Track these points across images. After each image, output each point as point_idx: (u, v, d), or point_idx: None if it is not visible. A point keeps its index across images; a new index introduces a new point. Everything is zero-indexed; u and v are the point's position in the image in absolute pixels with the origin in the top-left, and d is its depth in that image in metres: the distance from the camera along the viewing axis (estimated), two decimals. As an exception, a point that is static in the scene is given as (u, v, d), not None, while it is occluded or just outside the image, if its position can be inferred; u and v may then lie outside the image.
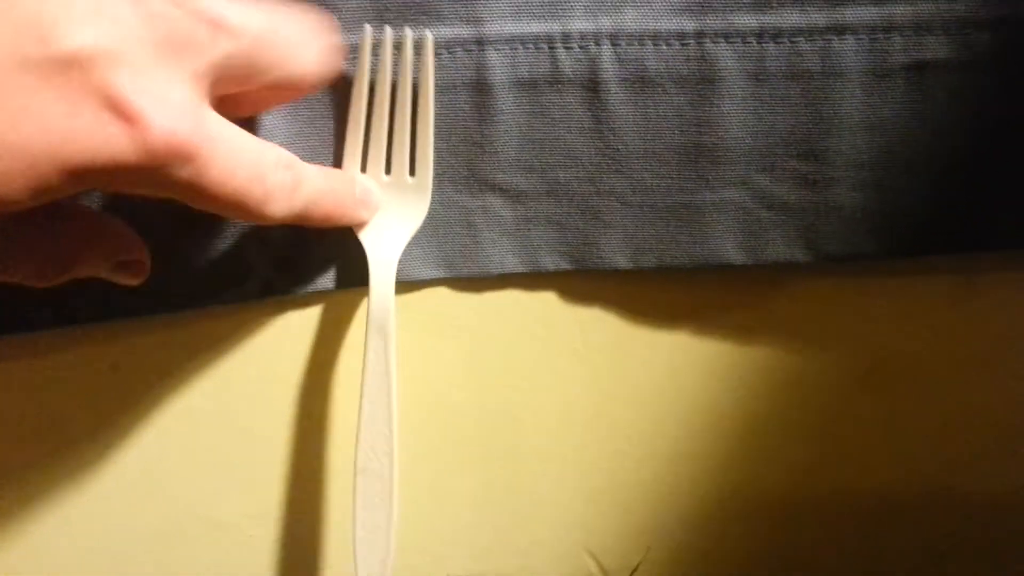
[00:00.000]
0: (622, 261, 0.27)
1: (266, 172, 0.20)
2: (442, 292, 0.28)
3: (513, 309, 0.28)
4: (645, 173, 0.26)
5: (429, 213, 0.27)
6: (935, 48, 0.25)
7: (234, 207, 0.19)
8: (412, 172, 0.26)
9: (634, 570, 0.31)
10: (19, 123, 0.15)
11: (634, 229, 0.27)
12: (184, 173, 0.17)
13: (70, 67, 0.15)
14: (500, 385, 0.29)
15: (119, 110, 0.16)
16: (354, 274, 0.27)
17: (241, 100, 0.21)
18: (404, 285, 0.28)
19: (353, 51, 0.25)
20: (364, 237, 0.26)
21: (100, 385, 0.28)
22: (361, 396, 0.25)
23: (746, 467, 0.30)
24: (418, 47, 0.25)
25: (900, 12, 0.25)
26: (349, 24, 0.25)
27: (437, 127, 0.26)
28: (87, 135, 0.16)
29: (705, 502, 0.30)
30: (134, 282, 0.22)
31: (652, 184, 0.26)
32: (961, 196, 0.26)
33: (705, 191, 0.26)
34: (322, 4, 0.25)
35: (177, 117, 0.17)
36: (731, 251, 0.27)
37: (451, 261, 0.27)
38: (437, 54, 0.26)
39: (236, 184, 0.19)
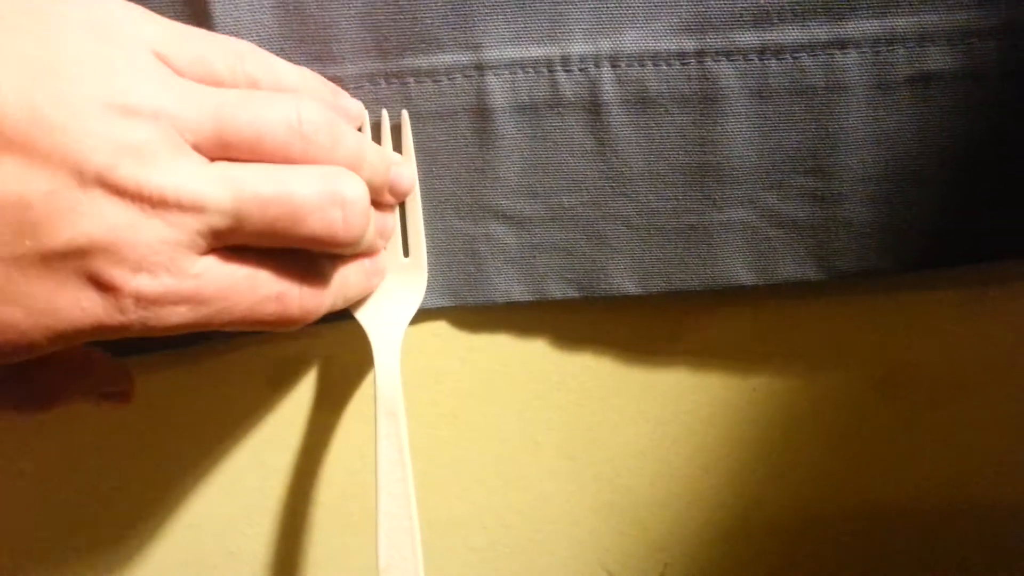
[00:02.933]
0: (631, 286, 0.26)
1: (273, 293, 0.20)
2: (450, 317, 0.28)
3: (522, 333, 0.28)
4: (650, 195, 0.26)
5: (433, 242, 0.26)
6: (938, 59, 0.25)
7: (255, 327, 0.20)
8: (406, 252, 0.26)
9: (652, 593, 0.30)
10: (12, 304, 0.17)
11: (641, 253, 0.26)
12: (176, 317, 0.19)
13: (55, 258, 0.17)
14: (512, 408, 0.28)
15: (99, 285, 0.18)
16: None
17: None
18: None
19: (356, 81, 0.25)
20: (365, 320, 0.25)
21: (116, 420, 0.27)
22: (377, 487, 0.24)
23: (762, 482, 0.29)
24: (397, 128, 0.25)
25: (902, 24, 0.25)
26: (349, 56, 0.25)
27: (439, 153, 0.26)
28: (71, 307, 0.18)
29: (721, 517, 0.29)
30: (117, 410, 0.23)
31: (658, 206, 0.26)
32: (970, 207, 0.26)
33: (712, 211, 0.26)
34: (321, 34, 0.24)
35: (152, 280, 0.18)
36: (741, 272, 0.26)
37: (456, 290, 0.27)
38: (437, 81, 0.25)
39: (242, 312, 0.20)
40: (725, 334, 0.28)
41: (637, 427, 0.28)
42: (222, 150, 0.19)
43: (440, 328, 0.28)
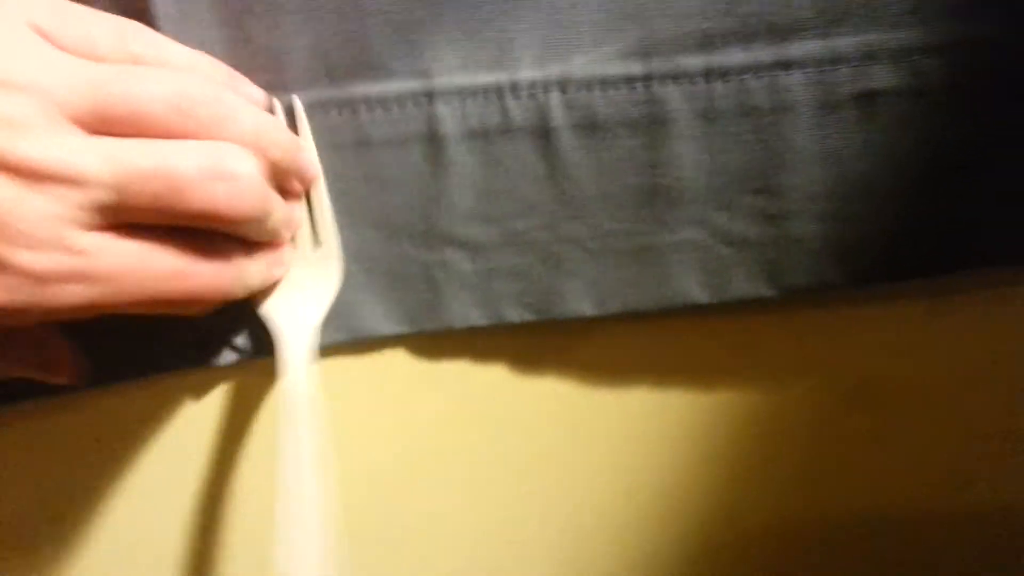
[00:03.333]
0: (587, 308, 0.27)
1: (169, 270, 0.21)
2: (408, 345, 0.28)
3: (482, 359, 0.28)
4: (603, 218, 0.26)
5: (388, 269, 0.26)
6: (883, 77, 0.25)
7: (152, 308, 0.20)
8: (317, 243, 0.25)
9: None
10: None
11: (597, 275, 0.26)
12: (72, 296, 0.19)
13: None
14: (476, 433, 0.28)
15: None
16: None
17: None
18: (364, 344, 0.27)
19: (308, 110, 0.25)
20: (270, 314, 0.24)
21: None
22: (278, 488, 0.23)
23: (735, 496, 0.29)
24: (291, 112, 0.25)
25: (845, 44, 0.25)
26: (300, 83, 0.25)
27: (391, 180, 0.26)
28: None
29: (697, 533, 0.30)
30: (62, 380, 0.23)
31: (611, 228, 0.26)
32: (918, 220, 0.26)
33: (664, 232, 0.26)
34: (270, 62, 0.24)
35: (43, 261, 0.18)
36: (695, 290, 0.26)
37: (413, 316, 0.27)
38: (387, 108, 0.25)
39: (139, 290, 0.20)
40: (690, 352, 0.28)
41: (605, 448, 0.29)
42: (103, 125, 0.19)
43: (397, 356, 0.28)
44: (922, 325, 0.28)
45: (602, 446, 0.29)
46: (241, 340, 0.26)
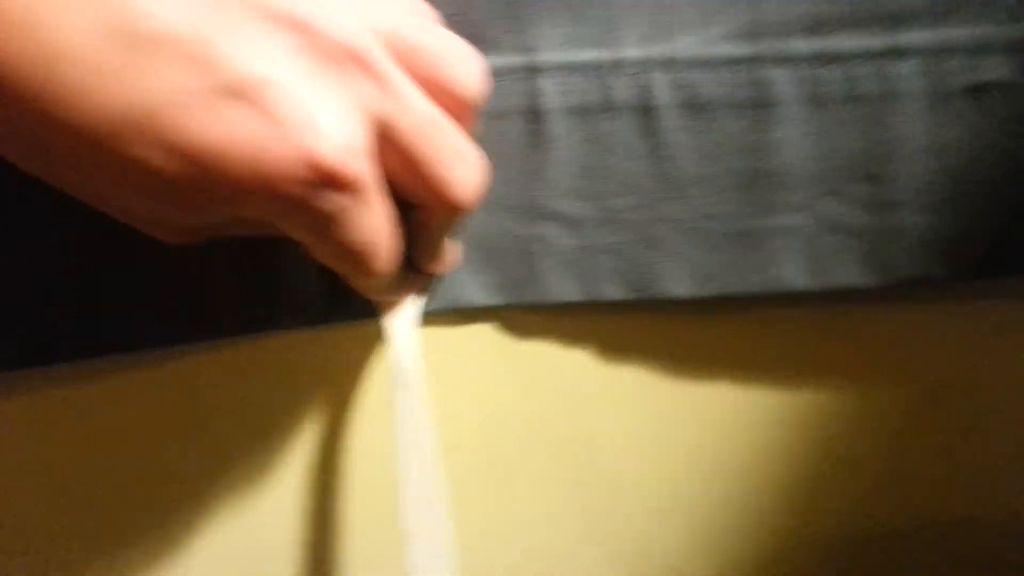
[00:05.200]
0: (683, 290, 0.26)
1: (392, 233, 0.20)
2: (498, 321, 0.27)
3: (575, 335, 0.28)
4: (703, 200, 0.26)
5: (486, 241, 0.26)
6: (996, 69, 0.25)
7: (360, 255, 0.19)
8: None
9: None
10: (207, 130, 0.16)
11: (695, 257, 0.26)
12: (333, 203, 0.18)
13: (240, 93, 0.16)
14: (565, 411, 0.28)
15: (287, 127, 0.17)
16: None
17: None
18: (460, 314, 0.27)
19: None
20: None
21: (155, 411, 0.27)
22: (398, 456, 0.23)
23: (816, 492, 0.28)
24: None
25: (957, 34, 0.25)
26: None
27: (492, 154, 0.26)
28: (261, 150, 0.17)
29: (775, 522, 0.28)
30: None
31: (711, 211, 0.26)
32: (1028, 219, 0.26)
33: (766, 217, 0.26)
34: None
35: (342, 142, 0.17)
36: (796, 276, 0.26)
37: (509, 288, 0.27)
38: (490, 81, 0.26)
39: (373, 231, 0.19)
40: (779, 342, 0.27)
41: (688, 434, 0.28)
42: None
43: (486, 332, 0.28)
44: (1008, 327, 0.27)
45: (685, 433, 0.28)
46: (345, 303, 0.26)
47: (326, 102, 0.17)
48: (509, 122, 0.26)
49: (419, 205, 0.21)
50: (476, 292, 0.27)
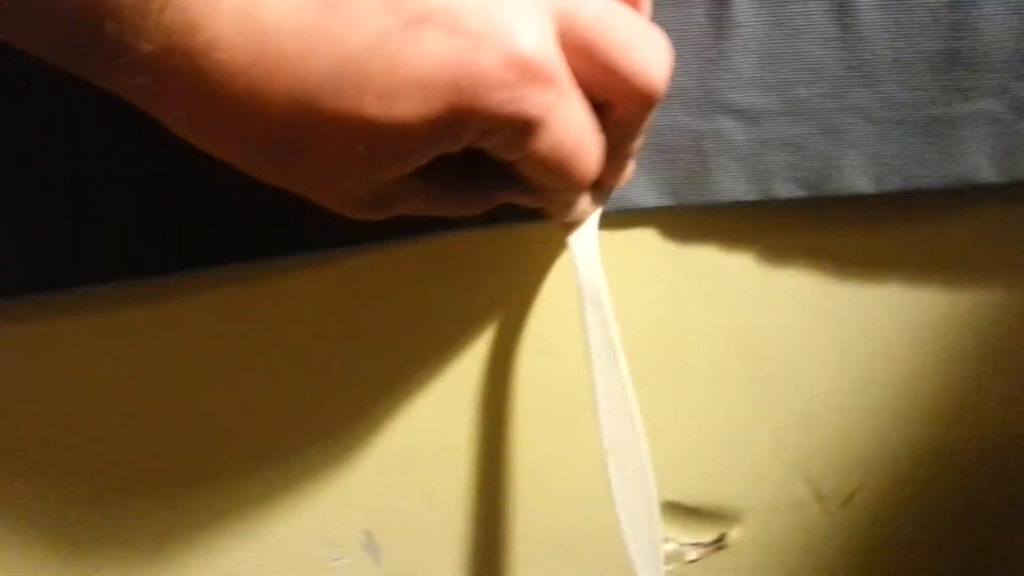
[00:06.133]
0: (864, 184, 0.25)
1: (596, 131, 0.20)
2: (660, 224, 0.27)
3: (738, 238, 0.27)
4: (895, 85, 0.25)
5: (657, 138, 0.25)
6: None
7: (571, 159, 0.19)
8: None
9: (850, 497, 0.30)
10: (408, 63, 0.17)
11: (879, 148, 0.25)
12: (540, 102, 0.18)
13: (429, 19, 0.17)
14: (728, 313, 0.28)
15: (481, 36, 0.17)
16: None
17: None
18: (623, 217, 0.26)
19: None
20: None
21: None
22: (592, 375, 0.23)
23: (966, 402, 0.29)
24: None
25: None
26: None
27: (671, 43, 0.24)
28: (465, 63, 0.17)
29: (927, 433, 0.29)
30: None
31: (902, 97, 0.25)
32: None
33: (959, 102, 0.25)
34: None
35: (536, 37, 0.17)
36: (985, 168, 0.25)
37: (677, 189, 0.26)
38: (670, -38, 0.24)
39: (580, 129, 0.19)
40: (947, 248, 0.27)
41: (847, 338, 0.28)
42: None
43: (648, 236, 0.27)
44: None
45: (842, 338, 0.28)
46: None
47: (512, 7, 0.17)
48: (692, 8, 0.24)
49: (610, 103, 0.20)
50: (644, 193, 0.26)
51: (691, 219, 0.27)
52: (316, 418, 0.27)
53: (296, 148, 0.18)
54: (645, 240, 0.27)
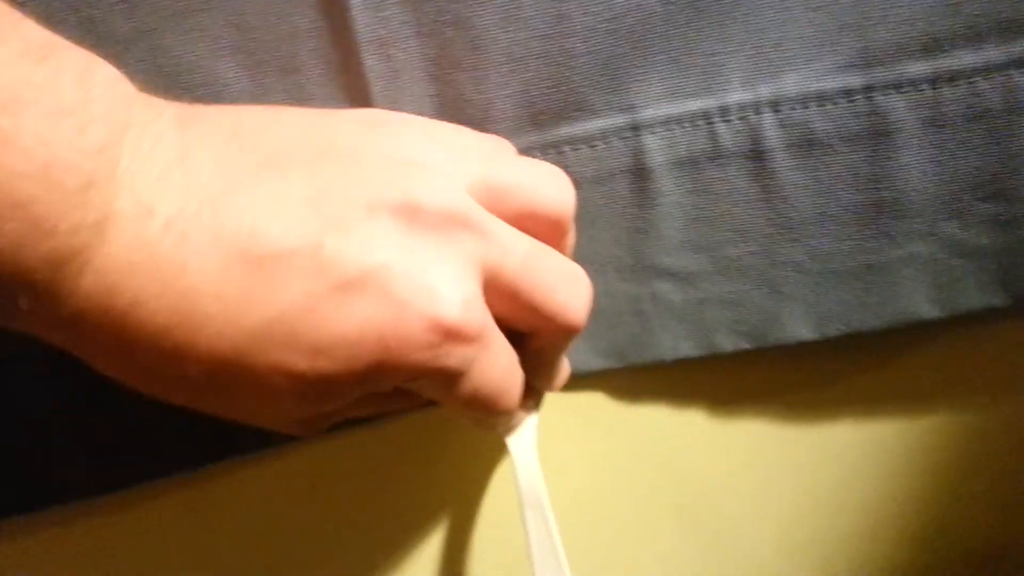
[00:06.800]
0: (806, 332, 0.26)
1: (517, 368, 0.21)
2: (606, 387, 0.27)
3: (685, 393, 0.27)
4: (823, 239, 0.25)
5: (596, 305, 0.26)
6: (1122, 65, 0.24)
7: (493, 400, 0.20)
8: None
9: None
10: (337, 325, 0.17)
11: (816, 297, 0.25)
12: (462, 357, 0.18)
13: (359, 285, 0.17)
14: (679, 469, 0.28)
15: (407, 302, 0.18)
16: None
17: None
18: (572, 380, 0.27)
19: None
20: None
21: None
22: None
23: (949, 519, 0.28)
24: None
25: (1081, 34, 0.23)
26: (506, 133, 0.24)
27: (598, 217, 0.25)
28: (389, 328, 0.17)
29: (906, 552, 0.29)
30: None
31: (831, 248, 0.25)
32: None
33: (890, 248, 0.25)
34: (478, 115, 0.24)
35: (459, 300, 0.18)
36: (924, 306, 0.25)
37: (621, 351, 0.26)
38: (593, 146, 0.24)
39: (501, 373, 0.20)
40: (900, 369, 0.27)
41: (814, 465, 0.28)
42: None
43: (595, 399, 0.27)
44: None
45: (804, 475, 0.28)
46: None
47: (437, 268, 0.18)
48: (615, 184, 0.25)
49: (533, 333, 0.21)
50: (588, 358, 0.26)
51: (638, 379, 0.27)
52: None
53: (224, 393, 0.18)
54: (593, 403, 0.27)
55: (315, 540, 0.28)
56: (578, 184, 0.25)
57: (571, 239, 0.22)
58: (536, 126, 0.24)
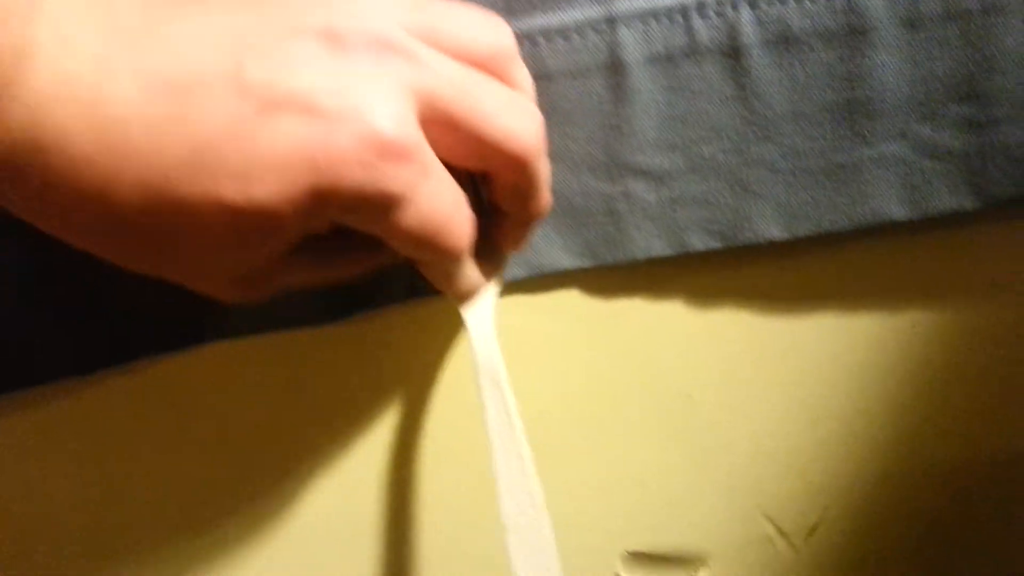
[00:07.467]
0: (776, 232, 0.26)
1: (464, 203, 0.21)
2: (582, 284, 0.27)
3: (659, 294, 0.28)
4: (796, 137, 0.25)
5: (569, 203, 0.26)
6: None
7: (436, 233, 0.19)
8: None
9: (813, 530, 0.30)
10: (265, 146, 0.17)
11: (787, 197, 0.26)
12: (399, 179, 0.18)
13: (285, 105, 0.17)
14: (656, 367, 0.28)
15: (338, 118, 0.17)
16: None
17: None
18: (541, 280, 0.27)
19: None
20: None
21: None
22: (492, 453, 0.23)
23: (920, 422, 0.29)
24: None
25: (1062, -69, 0.23)
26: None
27: (573, 113, 0.25)
28: (321, 146, 0.17)
29: (880, 459, 0.29)
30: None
31: (804, 147, 0.25)
32: None
33: (862, 148, 0.25)
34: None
35: (393, 115, 0.18)
36: (894, 207, 0.25)
37: (594, 249, 0.27)
38: (568, 38, 0.24)
39: (444, 204, 0.19)
40: (876, 273, 0.27)
41: (790, 373, 0.28)
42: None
43: (572, 295, 0.28)
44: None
45: (781, 375, 0.28)
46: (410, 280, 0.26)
47: (366, 86, 0.18)
48: (590, 79, 0.25)
49: (490, 173, 0.21)
50: (560, 256, 0.27)
51: (612, 275, 0.27)
52: (224, 501, 0.28)
53: (159, 236, 0.18)
54: (566, 302, 0.28)
55: (285, 423, 0.28)
56: (553, 79, 0.25)
57: (520, 83, 0.22)
58: (511, 14, 0.24)
